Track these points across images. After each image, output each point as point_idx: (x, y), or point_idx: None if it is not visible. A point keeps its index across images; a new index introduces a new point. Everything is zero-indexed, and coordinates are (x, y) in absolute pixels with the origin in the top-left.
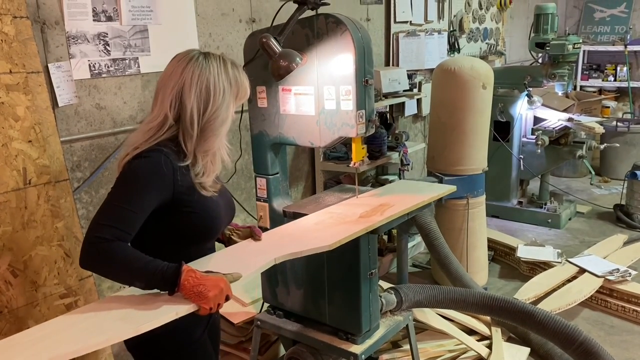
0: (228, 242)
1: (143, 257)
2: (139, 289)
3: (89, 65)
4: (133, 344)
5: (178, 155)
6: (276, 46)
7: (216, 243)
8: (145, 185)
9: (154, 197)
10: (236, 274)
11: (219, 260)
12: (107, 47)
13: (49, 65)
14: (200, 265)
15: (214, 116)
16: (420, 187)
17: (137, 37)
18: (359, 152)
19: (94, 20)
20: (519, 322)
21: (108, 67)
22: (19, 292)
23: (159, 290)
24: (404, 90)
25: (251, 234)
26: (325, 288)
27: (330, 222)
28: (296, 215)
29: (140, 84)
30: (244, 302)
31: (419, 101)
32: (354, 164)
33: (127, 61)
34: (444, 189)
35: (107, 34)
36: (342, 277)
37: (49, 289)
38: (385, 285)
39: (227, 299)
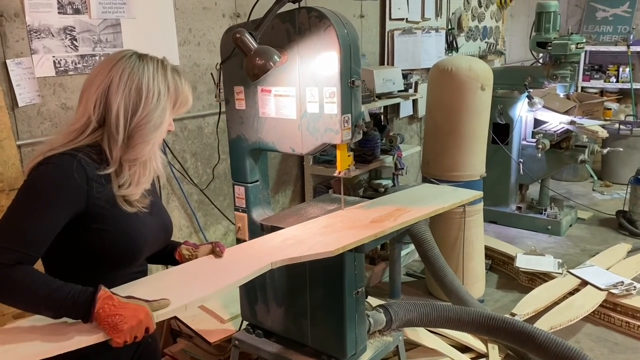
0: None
1: (52, 282)
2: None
3: (54, 62)
4: None
5: (99, 162)
6: (251, 42)
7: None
8: (50, 196)
9: (62, 210)
10: (163, 301)
11: (209, 264)
12: (74, 42)
13: (7, 61)
14: (180, 271)
15: (145, 121)
16: (443, 192)
17: (109, 31)
18: (344, 160)
19: (59, 12)
20: (518, 343)
21: (75, 63)
22: None
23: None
24: (399, 91)
25: (212, 250)
26: (308, 307)
27: (340, 226)
28: (274, 229)
29: None
30: (222, 319)
31: (414, 102)
32: (339, 173)
33: (97, 58)
34: (470, 195)
35: (74, 28)
36: (325, 296)
37: (1, 308)
38: (374, 302)
39: (147, 331)
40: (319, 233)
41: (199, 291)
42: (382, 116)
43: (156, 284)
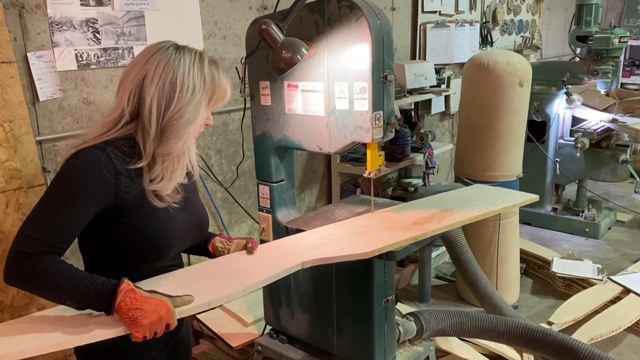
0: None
1: (77, 273)
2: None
3: (76, 55)
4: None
5: (131, 156)
6: (278, 34)
7: None
8: (78, 190)
9: (90, 204)
10: (186, 297)
11: (239, 260)
12: (96, 35)
13: (29, 54)
14: (210, 267)
15: (178, 115)
16: (495, 193)
17: (132, 24)
18: (375, 160)
19: (81, 4)
20: (557, 357)
21: (98, 57)
22: None
23: (92, 311)
24: (431, 86)
25: (245, 245)
26: (334, 314)
27: (378, 226)
28: (299, 232)
29: None
30: (245, 322)
31: (447, 98)
32: (369, 174)
33: (119, 51)
34: (524, 198)
35: (96, 21)
36: (353, 304)
37: (17, 308)
38: (404, 308)
39: (167, 327)
40: (355, 233)
41: (226, 288)
42: (412, 112)
43: (184, 279)
